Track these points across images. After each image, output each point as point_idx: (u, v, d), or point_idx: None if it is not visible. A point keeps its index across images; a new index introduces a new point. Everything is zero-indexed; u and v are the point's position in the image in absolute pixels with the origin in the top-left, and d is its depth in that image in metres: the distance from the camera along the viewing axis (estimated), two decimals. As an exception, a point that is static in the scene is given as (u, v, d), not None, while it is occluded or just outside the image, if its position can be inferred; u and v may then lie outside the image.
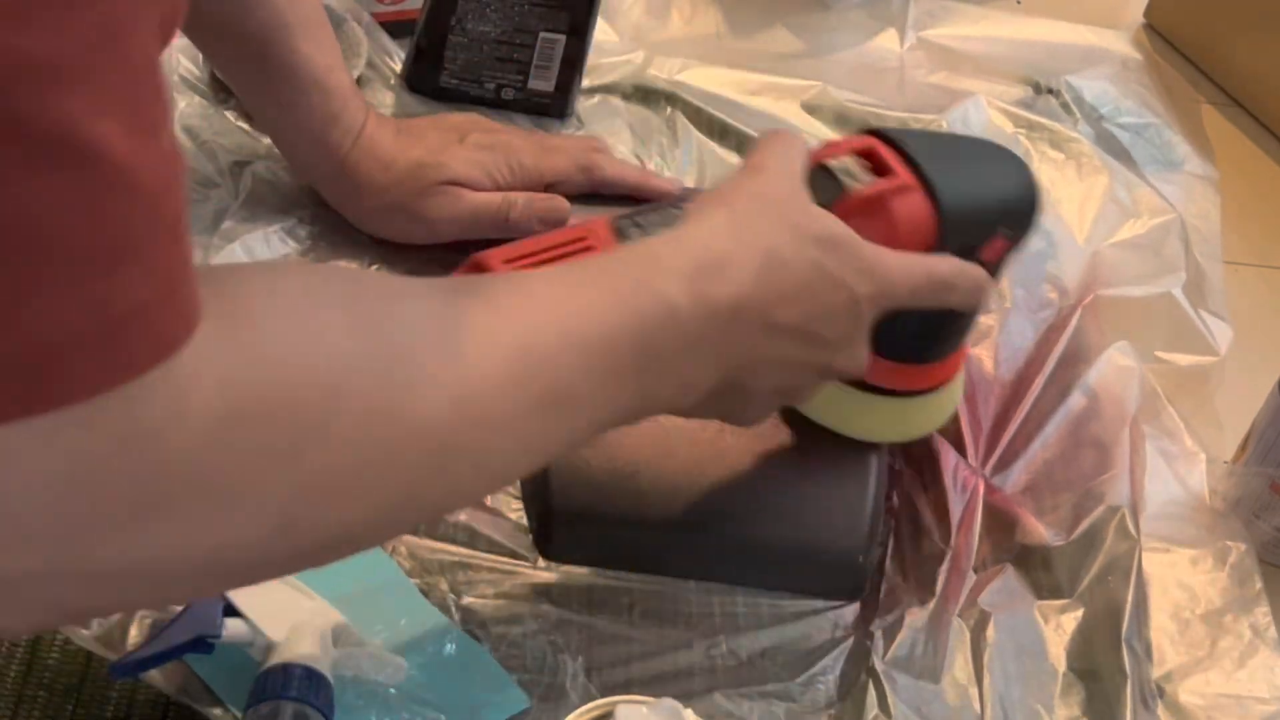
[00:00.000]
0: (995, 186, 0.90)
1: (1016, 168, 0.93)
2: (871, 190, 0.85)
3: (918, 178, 0.86)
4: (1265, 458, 1.04)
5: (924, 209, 0.86)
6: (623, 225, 0.85)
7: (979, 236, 0.88)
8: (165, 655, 0.82)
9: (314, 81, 1.05)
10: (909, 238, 0.85)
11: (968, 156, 0.92)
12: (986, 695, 0.93)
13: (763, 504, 0.96)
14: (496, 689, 0.88)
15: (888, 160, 0.87)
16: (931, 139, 0.90)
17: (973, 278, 0.87)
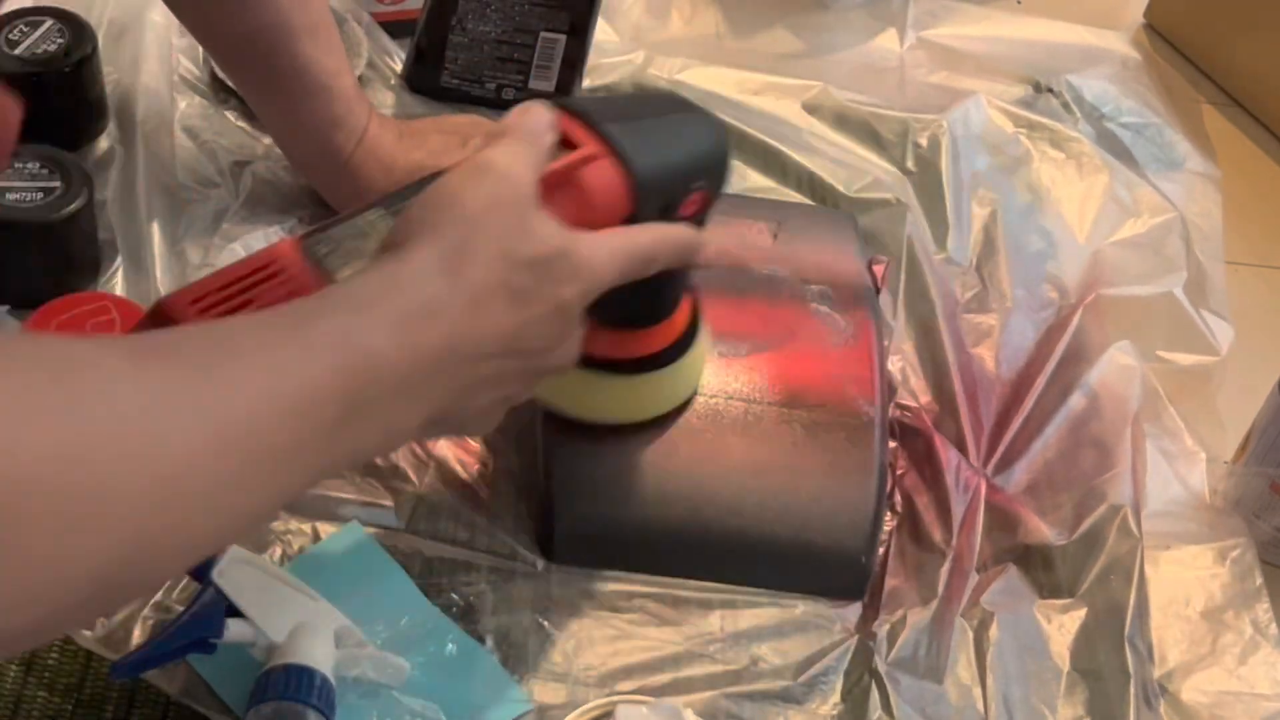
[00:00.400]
0: (685, 142, 0.88)
1: (702, 120, 0.90)
2: (560, 165, 0.82)
3: (605, 145, 0.83)
4: (1265, 458, 1.04)
5: (615, 176, 0.83)
6: (311, 246, 0.80)
7: (677, 195, 0.86)
8: (167, 655, 0.82)
9: (318, 85, 1.05)
10: (605, 207, 0.83)
11: (652, 115, 0.89)
12: (990, 695, 0.93)
13: (765, 504, 0.96)
14: (497, 690, 0.88)
15: (573, 132, 0.83)
16: (613, 104, 0.89)
17: (675, 240, 0.86)
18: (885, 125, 1.28)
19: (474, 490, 0.97)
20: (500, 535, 0.95)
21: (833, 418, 1.00)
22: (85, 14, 1.14)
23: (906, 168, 1.25)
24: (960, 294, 1.16)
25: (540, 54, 1.22)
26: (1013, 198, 1.24)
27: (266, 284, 0.78)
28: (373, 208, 0.83)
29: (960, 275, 1.17)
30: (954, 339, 1.11)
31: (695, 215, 0.88)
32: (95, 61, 1.13)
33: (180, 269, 1.06)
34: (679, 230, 0.87)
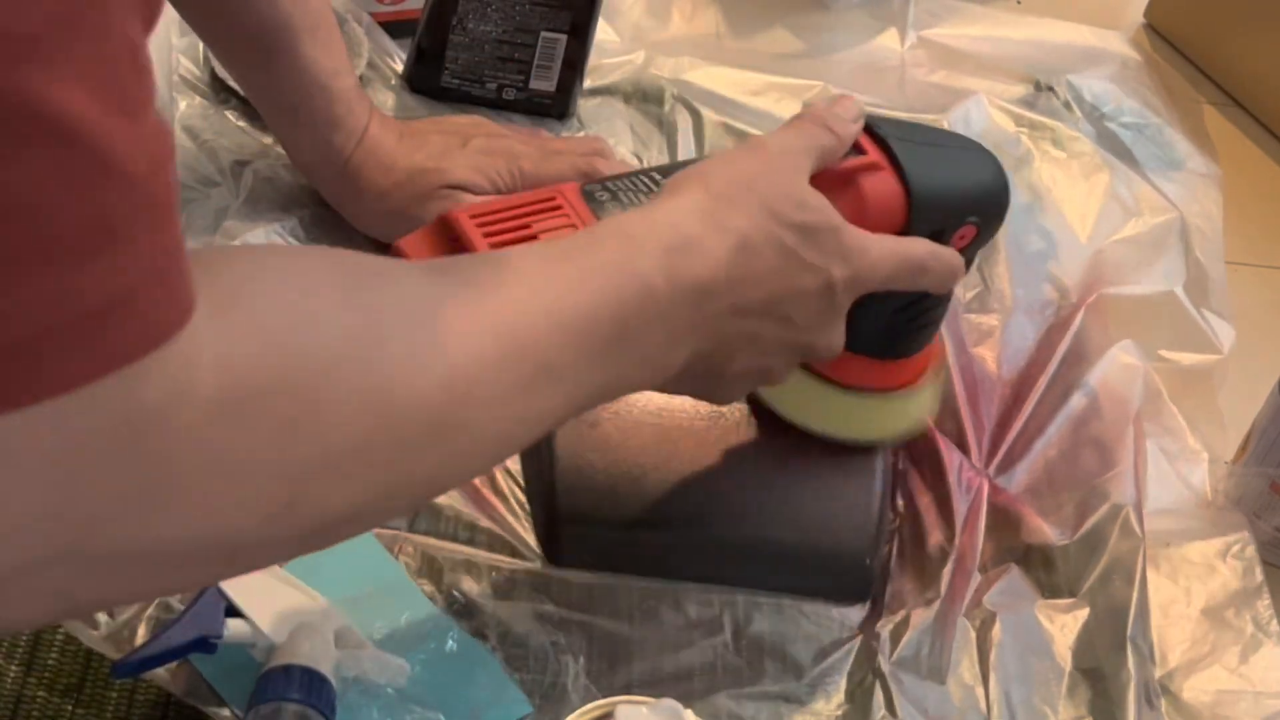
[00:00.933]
0: (966, 174, 0.91)
1: (987, 159, 0.93)
2: (843, 166, 0.85)
3: (889, 159, 0.87)
4: (1265, 457, 1.04)
5: (894, 189, 0.86)
6: (593, 190, 0.85)
7: (948, 222, 0.88)
8: (167, 655, 0.82)
9: (318, 84, 1.05)
10: (878, 217, 0.85)
11: (940, 144, 0.93)
12: (992, 695, 0.93)
13: (769, 506, 0.96)
14: (498, 690, 0.88)
15: (860, 140, 0.87)
16: (906, 127, 0.90)
17: (946, 261, 0.87)
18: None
19: (477, 490, 0.97)
20: (503, 535, 0.95)
21: (835, 418, 1.00)
22: (85, 14, 1.14)
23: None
24: (961, 294, 1.16)
25: (541, 54, 1.22)
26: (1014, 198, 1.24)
27: (547, 214, 0.84)
28: (654, 170, 0.87)
29: (961, 275, 1.17)
30: (955, 339, 1.11)
31: (963, 249, 0.90)
32: (95, 61, 1.12)
33: (180, 269, 1.06)
34: (950, 251, 0.88)
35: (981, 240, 0.91)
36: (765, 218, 0.78)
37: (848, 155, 0.86)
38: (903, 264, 0.84)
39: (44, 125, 0.45)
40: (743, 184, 0.79)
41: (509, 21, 1.20)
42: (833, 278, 0.80)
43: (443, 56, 1.22)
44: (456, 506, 0.96)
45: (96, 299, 0.48)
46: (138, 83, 0.49)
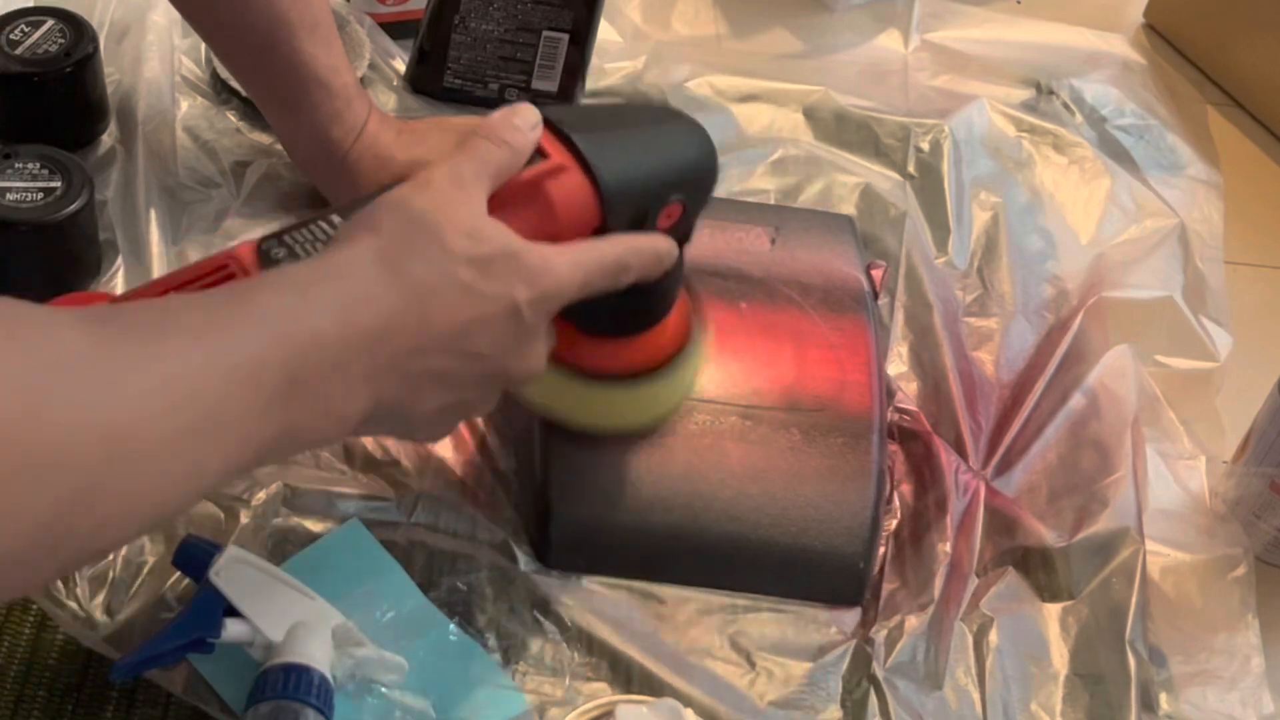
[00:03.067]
0: (661, 154, 0.87)
1: (686, 131, 0.89)
2: (525, 176, 0.82)
3: (574, 156, 0.83)
4: (1265, 458, 1.04)
5: (582, 187, 0.83)
6: (269, 247, 0.81)
7: (649, 206, 0.85)
8: (166, 655, 0.83)
9: (316, 80, 1.05)
10: (572, 219, 0.83)
11: (631, 125, 0.88)
12: (989, 700, 0.93)
13: (763, 509, 0.96)
14: (496, 689, 0.88)
15: (543, 143, 0.83)
16: (592, 113, 0.87)
17: (647, 251, 0.85)
18: (886, 130, 1.28)
19: (473, 492, 0.97)
20: (500, 535, 0.95)
21: (831, 422, 1.00)
22: (87, 14, 1.15)
23: (908, 172, 1.25)
24: (962, 297, 1.16)
25: (543, 54, 1.22)
26: (1015, 201, 1.24)
27: (220, 284, 0.78)
28: (330, 213, 0.83)
29: (961, 279, 1.17)
30: (954, 342, 1.11)
31: (673, 227, 0.87)
32: (96, 62, 1.13)
33: (181, 269, 1.06)
34: (650, 240, 0.86)
35: (691, 213, 0.88)
36: (437, 256, 0.76)
37: (531, 161, 0.83)
38: (595, 270, 0.82)
39: None
40: (413, 223, 0.77)
41: (511, 20, 1.20)
42: (516, 302, 0.78)
43: (445, 57, 1.22)
44: (455, 506, 0.96)
45: None
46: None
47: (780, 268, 1.09)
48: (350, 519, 0.94)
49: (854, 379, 1.02)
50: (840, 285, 1.08)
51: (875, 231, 1.19)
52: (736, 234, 1.10)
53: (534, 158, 0.83)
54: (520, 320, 0.79)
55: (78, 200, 1.02)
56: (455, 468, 0.98)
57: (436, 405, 0.79)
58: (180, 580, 0.88)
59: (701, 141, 0.89)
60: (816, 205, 1.21)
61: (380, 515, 0.95)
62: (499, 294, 0.77)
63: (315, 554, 0.92)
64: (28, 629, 0.89)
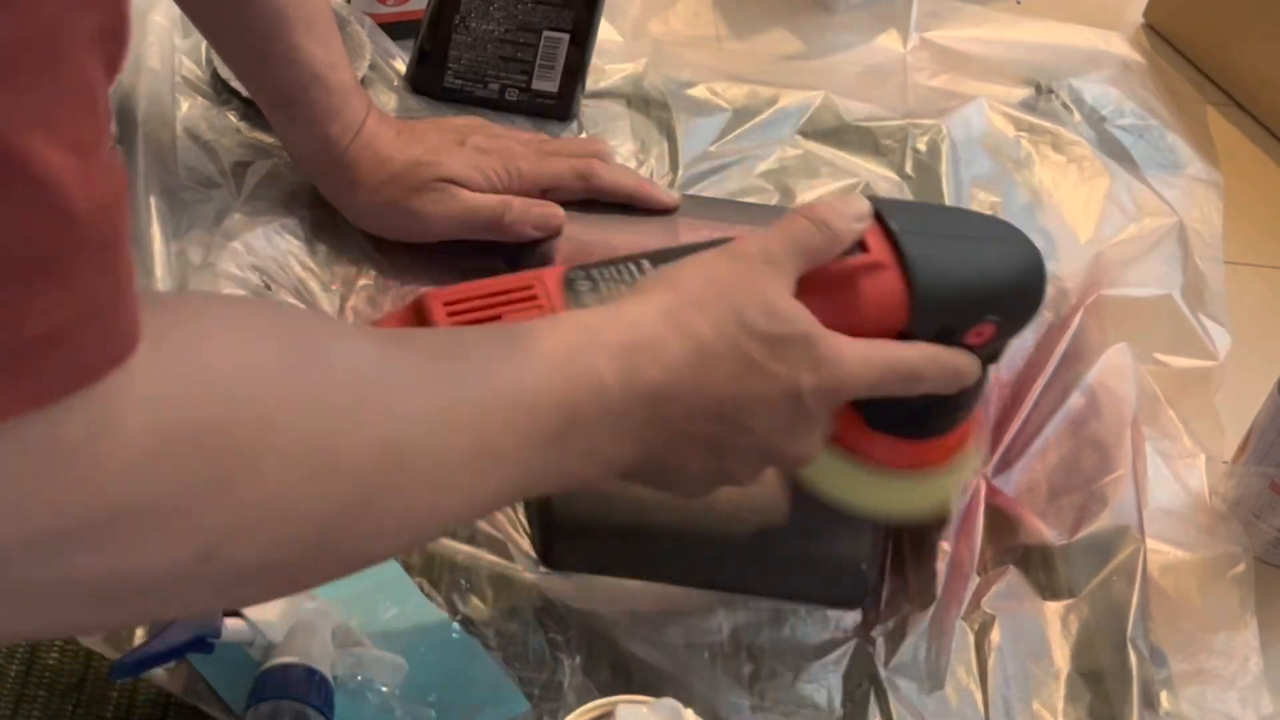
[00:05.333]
0: (985, 269, 0.84)
1: (1017, 248, 0.86)
2: (840, 266, 0.81)
3: (896, 253, 0.81)
4: (1265, 457, 1.04)
5: (895, 288, 0.81)
6: (574, 277, 0.83)
7: (959, 321, 0.82)
8: (165, 655, 0.83)
9: (315, 77, 1.05)
10: (878, 318, 0.81)
11: (961, 235, 0.86)
12: (990, 699, 0.93)
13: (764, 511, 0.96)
14: (496, 689, 0.88)
15: (869, 233, 0.82)
16: (928, 211, 0.85)
17: (946, 365, 0.82)
18: (884, 130, 1.28)
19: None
20: (502, 535, 0.95)
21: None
22: (87, 14, 1.14)
23: (905, 172, 1.25)
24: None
25: (543, 54, 1.22)
26: (1014, 200, 1.24)
27: (521, 304, 0.81)
28: (643, 258, 0.84)
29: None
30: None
31: (982, 346, 0.84)
32: (97, 62, 1.13)
33: (181, 269, 1.06)
34: (953, 355, 0.82)
35: (1005, 336, 0.85)
36: (731, 325, 0.76)
37: (850, 252, 0.81)
38: (889, 372, 0.80)
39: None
40: (714, 289, 0.77)
41: (511, 20, 1.20)
42: (800, 387, 0.77)
43: (445, 57, 1.22)
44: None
45: (28, 332, 0.48)
46: (89, 122, 0.49)
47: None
48: (350, 519, 0.94)
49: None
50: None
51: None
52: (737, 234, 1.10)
53: (853, 248, 0.81)
54: (801, 405, 0.78)
55: (78, 200, 1.01)
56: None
57: (700, 469, 0.79)
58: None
59: (1031, 263, 0.86)
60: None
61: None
62: (784, 375, 0.77)
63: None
64: (28, 629, 0.89)
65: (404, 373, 0.65)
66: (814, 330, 0.78)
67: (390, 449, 0.63)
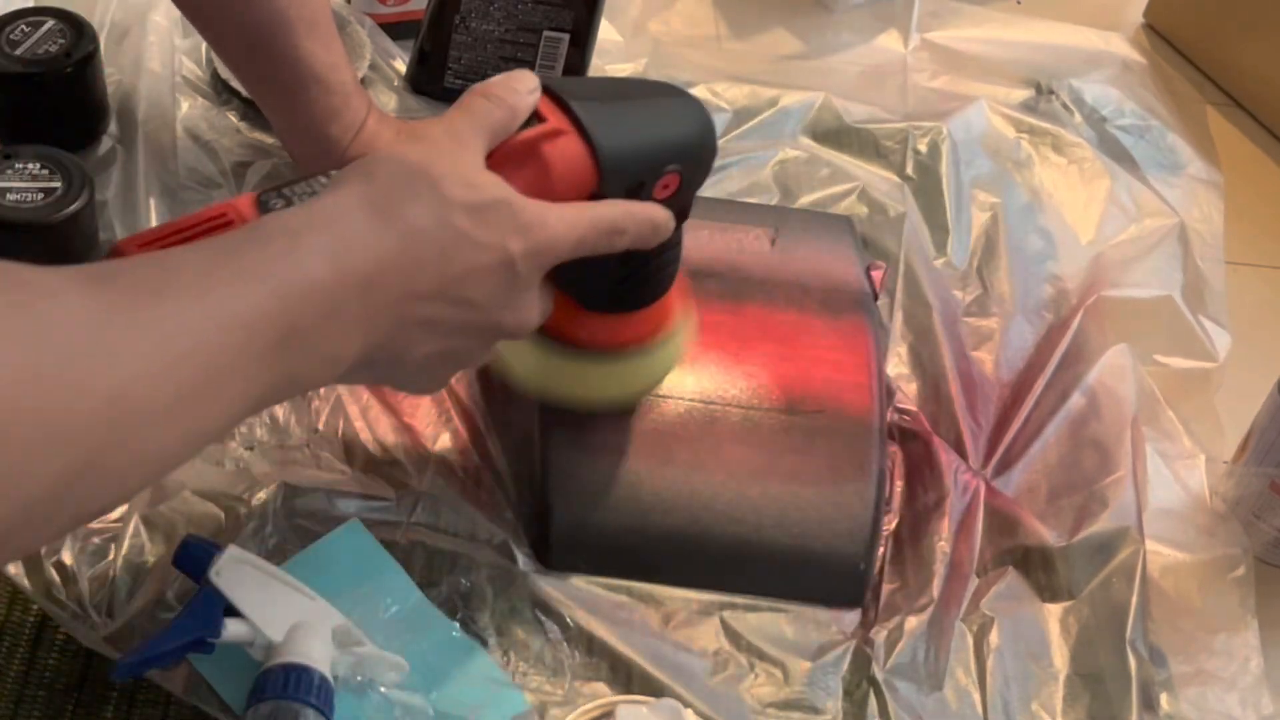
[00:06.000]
0: (658, 125, 0.88)
1: (685, 104, 0.90)
2: (522, 137, 0.83)
3: (572, 121, 0.84)
4: (1265, 458, 1.04)
5: (578, 152, 0.84)
6: (266, 198, 0.82)
7: (645, 175, 0.86)
8: (165, 655, 0.83)
9: (314, 77, 1.05)
10: (567, 183, 0.83)
11: (629, 96, 0.90)
12: (989, 700, 0.93)
13: (763, 511, 0.96)
14: (497, 689, 0.88)
15: (544, 108, 0.85)
16: (590, 85, 0.89)
17: (643, 218, 0.85)
18: (885, 132, 1.28)
19: (473, 492, 0.98)
20: (500, 535, 0.95)
21: (831, 423, 1.00)
22: (87, 14, 1.15)
23: (906, 174, 1.25)
24: (961, 297, 1.16)
25: (543, 54, 1.22)
26: (1014, 201, 1.24)
27: (217, 231, 0.79)
28: (329, 170, 0.83)
29: (960, 279, 1.17)
30: (953, 343, 1.11)
31: (670, 199, 0.88)
32: (97, 62, 1.13)
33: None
34: (646, 208, 0.86)
35: (688, 186, 0.89)
36: (432, 201, 0.77)
37: (528, 124, 0.84)
38: (590, 230, 0.82)
39: None
40: (407, 172, 0.77)
41: (511, 20, 1.20)
42: (510, 253, 0.78)
43: (445, 57, 1.22)
44: (455, 506, 0.96)
45: None
46: None
47: (780, 269, 1.09)
48: (350, 519, 0.94)
49: (854, 380, 1.02)
50: (840, 286, 1.08)
51: (874, 233, 1.19)
52: (737, 235, 1.10)
53: (530, 120, 0.84)
54: (514, 271, 0.79)
55: (78, 200, 1.02)
56: (455, 468, 0.98)
57: (427, 352, 0.79)
58: (180, 580, 0.88)
59: (699, 115, 0.90)
60: (816, 207, 1.21)
61: (380, 515, 0.95)
62: (493, 243, 0.78)
63: (315, 554, 0.92)
64: (28, 629, 0.89)
65: (117, 318, 0.64)
66: (513, 197, 0.79)
67: (114, 402, 0.62)
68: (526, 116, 0.84)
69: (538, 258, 0.80)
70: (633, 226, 0.85)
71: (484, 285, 0.78)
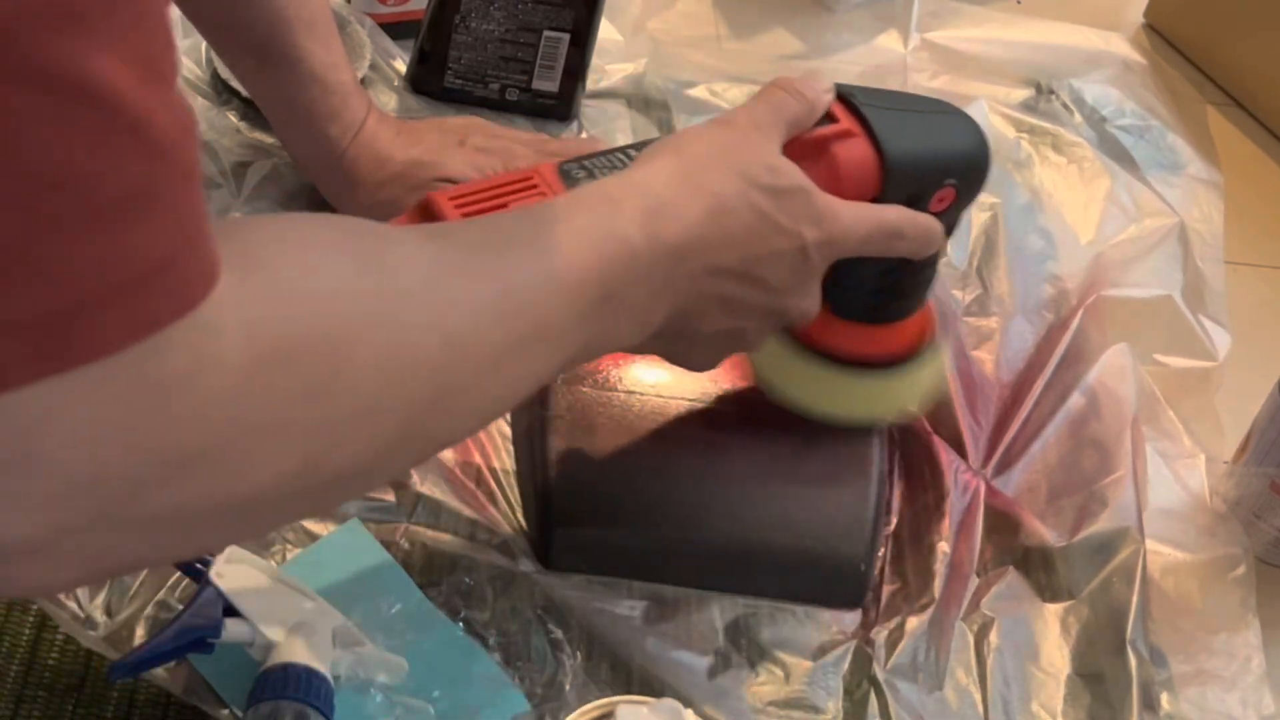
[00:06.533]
0: (941, 138, 0.91)
1: (964, 122, 0.93)
2: (816, 134, 0.87)
3: (862, 126, 0.87)
4: (1265, 457, 1.04)
5: (867, 155, 0.87)
6: (569, 168, 0.86)
7: (925, 186, 0.89)
8: (166, 655, 0.83)
9: (314, 77, 1.05)
10: (854, 183, 0.86)
11: (915, 109, 0.93)
12: (990, 700, 0.93)
13: (763, 512, 0.96)
14: (496, 688, 0.88)
15: (833, 109, 0.88)
16: (879, 94, 0.91)
17: (922, 226, 0.89)
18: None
19: (473, 492, 0.98)
20: (500, 535, 0.95)
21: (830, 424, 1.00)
22: (87, 14, 1.14)
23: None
24: (961, 297, 1.16)
25: (543, 54, 1.22)
26: (1014, 201, 1.24)
27: (524, 194, 0.84)
28: (629, 147, 0.87)
29: (960, 279, 1.17)
30: (953, 342, 1.11)
31: (944, 212, 0.91)
32: (97, 62, 1.13)
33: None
34: (925, 217, 0.89)
35: (962, 202, 0.92)
36: (738, 181, 0.80)
37: (820, 123, 0.87)
38: (876, 229, 0.86)
39: (87, 93, 0.46)
40: (715, 151, 0.81)
41: (512, 20, 1.20)
42: (805, 240, 0.82)
43: (445, 57, 1.22)
44: (455, 506, 0.96)
45: (137, 265, 0.49)
46: (167, 54, 0.50)
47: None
48: (350, 519, 0.94)
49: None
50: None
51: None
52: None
53: (823, 120, 0.87)
54: (806, 259, 0.83)
55: (78, 200, 1.01)
56: (455, 468, 0.98)
57: (716, 327, 0.83)
58: (180, 580, 0.88)
59: (978, 134, 0.93)
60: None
61: (380, 515, 0.95)
62: (790, 228, 0.81)
63: (315, 554, 0.92)
64: (28, 629, 0.89)
65: (456, 269, 0.68)
66: (812, 187, 0.83)
67: (455, 344, 0.66)
68: (822, 114, 0.87)
69: (829, 248, 0.83)
70: (912, 233, 0.88)
71: (779, 268, 0.82)
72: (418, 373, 0.64)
